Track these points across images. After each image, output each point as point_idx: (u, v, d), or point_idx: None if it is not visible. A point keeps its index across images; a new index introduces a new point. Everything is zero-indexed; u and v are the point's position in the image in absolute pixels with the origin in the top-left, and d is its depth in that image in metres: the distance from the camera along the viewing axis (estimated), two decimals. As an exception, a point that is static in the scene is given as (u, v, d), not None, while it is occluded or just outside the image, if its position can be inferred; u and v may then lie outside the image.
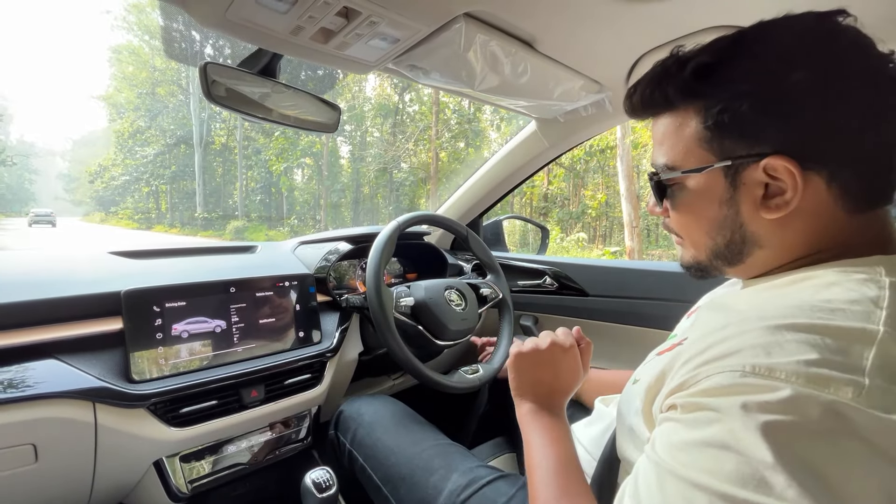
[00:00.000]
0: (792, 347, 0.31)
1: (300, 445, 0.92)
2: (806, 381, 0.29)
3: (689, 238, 0.49)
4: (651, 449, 0.35)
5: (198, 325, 0.76)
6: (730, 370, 0.32)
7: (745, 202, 0.42)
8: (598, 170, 13.09)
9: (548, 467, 0.51)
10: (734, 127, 0.41)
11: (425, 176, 15.37)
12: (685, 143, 0.44)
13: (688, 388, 0.35)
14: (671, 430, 0.34)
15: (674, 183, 0.46)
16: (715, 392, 0.32)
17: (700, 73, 0.42)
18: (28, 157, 48.83)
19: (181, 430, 0.72)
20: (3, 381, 0.59)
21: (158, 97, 23.80)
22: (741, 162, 0.41)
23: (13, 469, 0.60)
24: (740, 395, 0.30)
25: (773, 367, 0.30)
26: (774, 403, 0.29)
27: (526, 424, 0.59)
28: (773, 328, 0.33)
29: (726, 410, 0.30)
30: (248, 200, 21.64)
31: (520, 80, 0.82)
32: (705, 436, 0.31)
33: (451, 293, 1.00)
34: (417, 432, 0.81)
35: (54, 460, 0.63)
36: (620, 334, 1.20)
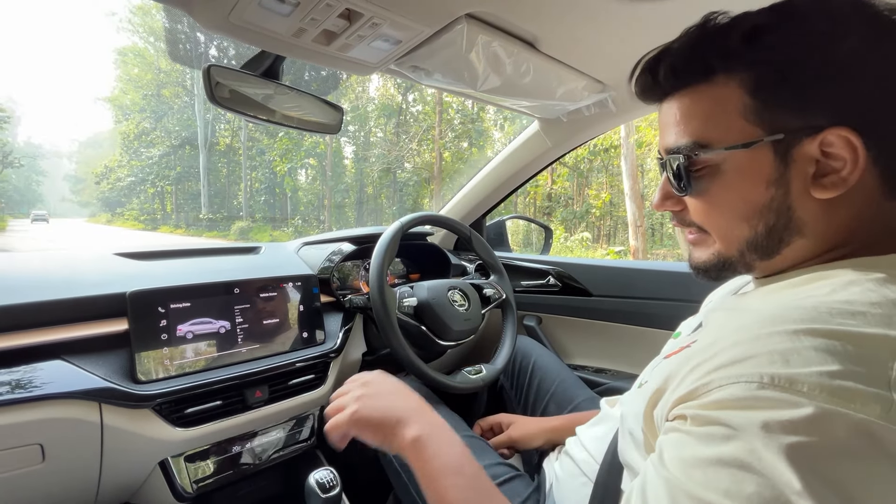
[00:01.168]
0: (812, 356, 0.29)
1: (305, 446, 0.93)
2: (830, 396, 0.27)
3: (717, 229, 0.44)
4: (659, 463, 0.33)
5: (202, 326, 0.76)
6: (746, 380, 0.30)
7: (795, 181, 0.38)
8: (601, 169, 13.06)
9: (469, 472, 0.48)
10: (787, 96, 0.37)
11: (429, 176, 15.39)
12: (726, 116, 0.40)
13: (698, 396, 0.32)
14: (682, 444, 0.32)
15: (706, 164, 0.41)
16: (731, 405, 0.30)
17: (749, 37, 0.38)
18: (35, 158, 49.25)
19: (186, 430, 0.72)
20: (10, 382, 0.59)
21: (163, 99, 23.96)
22: (795, 135, 0.37)
23: (20, 469, 0.61)
24: (760, 411, 0.28)
25: (794, 378, 0.28)
26: (798, 423, 0.27)
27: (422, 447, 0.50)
28: (791, 333, 0.31)
29: (745, 428, 0.28)
30: (253, 201, 21.74)
31: (522, 81, 0.81)
32: (723, 453, 0.29)
33: (454, 293, 1.00)
34: None
35: (61, 460, 0.64)
36: (624, 334, 1.19)
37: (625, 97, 0.94)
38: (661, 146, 0.46)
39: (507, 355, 1.01)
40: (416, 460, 0.49)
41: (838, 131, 0.36)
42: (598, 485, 0.54)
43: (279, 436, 0.88)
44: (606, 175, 13.17)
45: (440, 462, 0.48)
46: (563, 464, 0.67)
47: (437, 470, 0.48)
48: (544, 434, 0.82)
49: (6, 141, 26.34)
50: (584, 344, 1.29)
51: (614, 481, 0.50)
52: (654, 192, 0.50)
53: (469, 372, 0.95)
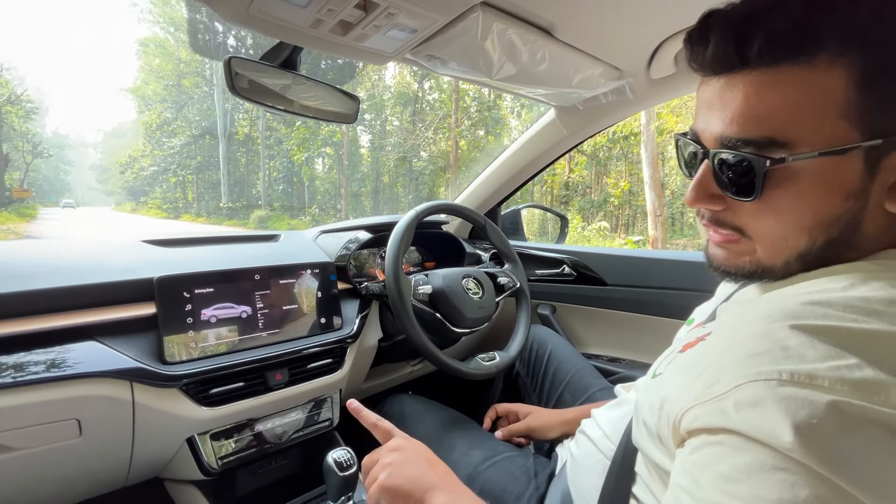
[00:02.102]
0: (828, 350, 0.28)
1: (324, 427, 0.96)
2: (853, 390, 0.26)
3: (767, 238, 0.38)
4: (695, 487, 0.31)
5: (225, 311, 0.79)
6: (765, 378, 0.28)
7: (875, 193, 0.34)
8: (621, 157, 12.80)
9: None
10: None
11: (445, 164, 15.33)
12: (821, 112, 0.33)
13: (717, 398, 0.31)
14: (714, 459, 0.30)
15: (778, 167, 0.34)
16: (754, 406, 0.28)
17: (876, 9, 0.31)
18: (63, 148, 50.76)
19: (211, 409, 0.76)
20: (48, 361, 0.63)
21: (184, 89, 24.33)
22: (892, 142, 0.33)
23: (61, 442, 0.65)
24: (786, 413, 0.27)
25: (814, 373, 0.27)
26: (826, 420, 0.26)
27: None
28: (805, 328, 0.30)
29: (777, 432, 0.27)
30: (271, 190, 22.04)
31: (538, 68, 0.81)
32: (764, 461, 0.27)
33: (468, 282, 1.01)
34: (447, 421, 0.87)
35: (97, 435, 0.68)
36: (639, 324, 1.19)
37: (643, 84, 0.92)
38: (709, 131, 0.38)
39: (521, 343, 1.02)
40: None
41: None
42: (614, 463, 0.54)
43: (299, 417, 0.91)
44: (626, 163, 12.91)
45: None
46: (579, 443, 0.68)
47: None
48: (561, 426, 0.83)
49: (35, 132, 27.21)
50: (599, 333, 1.30)
51: (629, 462, 0.51)
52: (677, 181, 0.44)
53: (483, 359, 0.96)
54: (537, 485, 0.71)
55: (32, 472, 0.66)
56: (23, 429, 0.61)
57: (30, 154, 23.99)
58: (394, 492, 0.53)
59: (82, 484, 0.75)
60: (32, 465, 0.65)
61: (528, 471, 0.74)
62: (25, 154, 23.68)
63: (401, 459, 0.56)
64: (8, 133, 21.16)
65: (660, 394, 0.42)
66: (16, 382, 0.59)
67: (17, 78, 25.08)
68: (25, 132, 23.26)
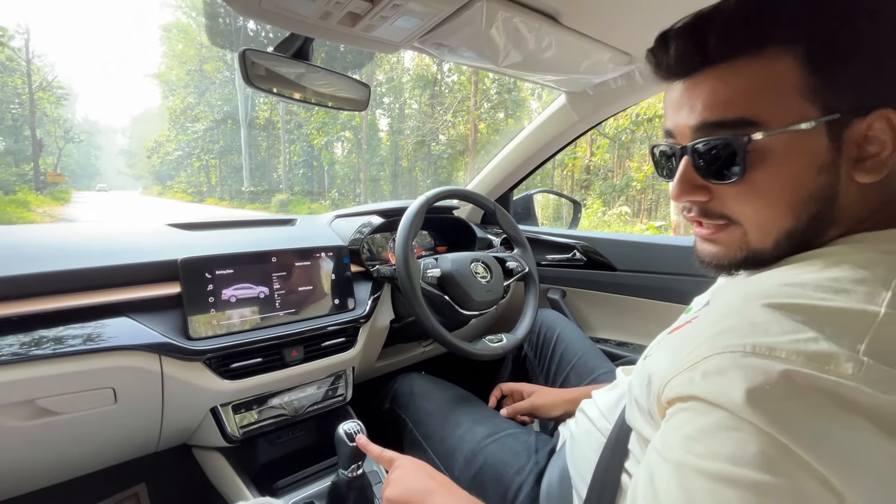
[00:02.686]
0: (791, 325, 0.31)
1: (337, 401, 1.01)
2: (806, 360, 0.29)
3: (754, 220, 0.40)
4: (664, 447, 0.34)
5: (244, 291, 0.84)
6: (731, 350, 0.31)
7: (844, 166, 0.37)
8: (644, 140, 12.46)
9: None
10: (843, 72, 0.35)
11: (463, 148, 15.21)
12: (782, 92, 0.36)
13: (688, 369, 0.34)
14: (681, 423, 0.33)
15: (753, 147, 0.37)
16: (717, 375, 0.31)
17: (810, 3, 0.36)
18: (92, 134, 52.18)
19: (232, 382, 0.81)
20: (85, 335, 0.69)
21: (206, 74, 24.65)
22: (848, 115, 0.36)
23: (98, 408, 0.71)
24: (743, 379, 0.29)
25: (774, 346, 0.30)
26: (777, 386, 0.28)
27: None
28: (774, 306, 0.32)
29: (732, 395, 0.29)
30: (292, 174, 22.30)
31: (545, 55, 0.82)
32: (720, 421, 0.30)
33: (477, 266, 1.04)
34: (454, 398, 0.91)
35: (130, 403, 0.74)
36: (648, 309, 1.20)
37: (653, 69, 0.92)
38: (683, 126, 0.41)
39: (528, 326, 1.05)
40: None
41: (886, 112, 0.35)
42: (609, 440, 0.57)
43: (314, 392, 0.97)
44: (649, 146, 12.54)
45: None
46: (578, 421, 0.71)
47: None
48: (565, 404, 0.85)
49: (66, 117, 28.12)
50: (608, 318, 1.31)
51: (623, 440, 0.53)
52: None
53: (490, 340, 0.99)
54: (537, 460, 0.74)
55: (74, 434, 0.73)
56: (64, 395, 0.68)
57: (62, 139, 24.83)
58: (397, 501, 0.58)
59: (119, 447, 0.83)
60: (74, 428, 0.72)
61: (530, 447, 0.77)
62: (58, 139, 24.52)
63: (402, 474, 0.60)
64: (41, 119, 21.90)
65: (648, 371, 0.45)
66: (56, 353, 0.65)
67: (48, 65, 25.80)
68: (57, 118, 24.05)
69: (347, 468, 0.74)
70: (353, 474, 0.74)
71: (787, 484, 0.27)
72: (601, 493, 0.53)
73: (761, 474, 0.27)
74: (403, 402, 0.95)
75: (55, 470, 0.79)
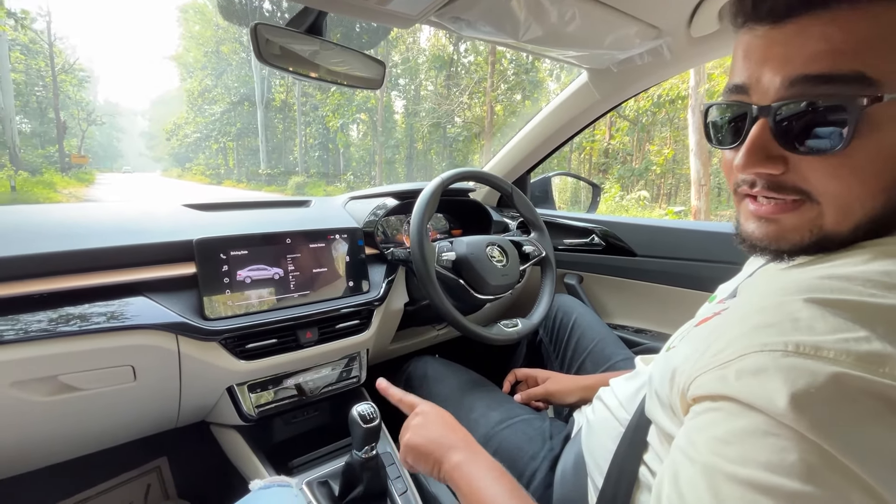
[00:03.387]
0: (839, 323, 0.28)
1: (352, 383, 1.02)
2: (857, 362, 0.26)
3: (839, 199, 0.34)
4: (691, 447, 0.31)
5: (258, 272, 0.84)
6: (770, 349, 0.28)
7: None
8: (666, 122, 12.10)
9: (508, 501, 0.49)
10: None
11: (479, 130, 15.01)
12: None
13: (721, 366, 0.31)
14: (711, 423, 0.31)
15: (862, 110, 0.31)
16: (754, 375, 0.28)
17: None
18: (114, 116, 53.09)
19: (247, 362, 0.82)
20: (109, 313, 0.70)
21: (222, 55, 24.68)
22: None
23: (119, 385, 0.73)
24: (786, 382, 0.27)
25: (820, 345, 0.27)
26: (825, 390, 0.26)
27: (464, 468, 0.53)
28: (818, 301, 0.29)
29: (774, 399, 0.27)
30: (308, 157, 22.37)
31: (567, 29, 0.78)
32: (757, 424, 0.28)
33: (492, 249, 1.02)
34: (468, 383, 0.90)
35: (149, 380, 0.75)
36: (668, 296, 1.17)
37: (682, 44, 0.87)
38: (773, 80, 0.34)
39: (544, 312, 1.03)
40: (460, 483, 0.52)
41: None
42: (628, 430, 0.55)
43: (328, 373, 0.97)
44: (671, 129, 12.20)
45: (480, 483, 0.51)
46: (595, 409, 0.69)
47: (478, 491, 0.50)
48: (580, 391, 0.84)
49: (88, 100, 28.56)
50: (626, 304, 1.28)
51: (642, 432, 0.52)
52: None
53: (505, 325, 0.98)
54: (552, 446, 0.74)
55: (95, 409, 0.75)
56: (86, 372, 0.69)
57: (85, 121, 25.29)
58: (416, 449, 0.58)
59: (139, 422, 0.84)
60: (95, 403, 0.73)
61: (544, 433, 0.77)
62: (81, 121, 24.98)
63: (423, 422, 0.60)
64: (64, 101, 22.30)
65: (671, 365, 0.42)
66: (82, 330, 0.67)
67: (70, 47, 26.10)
68: (80, 100, 24.46)
69: (361, 449, 0.74)
70: (366, 455, 0.74)
71: (831, 496, 0.25)
72: (618, 484, 0.52)
73: (802, 484, 0.25)
74: (417, 385, 0.95)
75: (79, 443, 0.81)
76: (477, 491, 0.50)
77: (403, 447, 0.60)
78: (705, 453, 0.30)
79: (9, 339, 0.62)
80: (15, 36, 17.57)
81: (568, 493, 0.65)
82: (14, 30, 16.47)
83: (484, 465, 0.54)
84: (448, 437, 0.58)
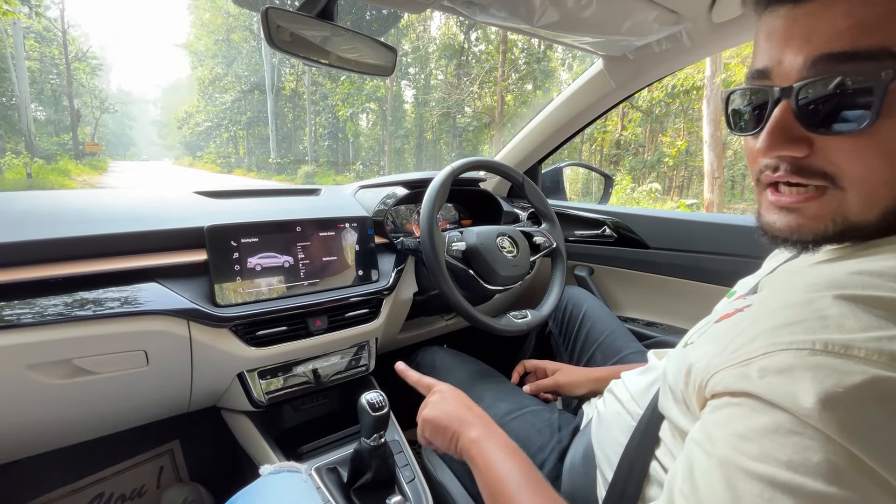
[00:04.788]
0: (870, 321, 0.26)
1: (360, 371, 1.02)
2: (891, 361, 0.25)
3: (866, 183, 0.33)
4: (708, 441, 0.31)
5: (269, 260, 0.84)
6: (797, 347, 0.27)
7: None
8: (679, 113, 11.88)
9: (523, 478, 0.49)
10: None
11: (489, 120, 14.88)
12: None
13: (744, 364, 0.30)
14: (731, 419, 0.30)
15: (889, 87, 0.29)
16: (780, 374, 0.27)
17: None
18: (126, 104, 53.54)
19: (258, 349, 0.82)
20: (120, 299, 0.71)
21: (233, 43, 24.67)
22: None
23: (132, 369, 0.74)
24: (813, 382, 0.26)
25: (850, 343, 0.26)
26: (856, 391, 0.25)
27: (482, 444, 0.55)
28: (847, 297, 0.28)
29: (799, 400, 0.26)
30: (317, 146, 22.40)
31: (583, 14, 0.75)
32: (780, 422, 0.27)
33: (503, 240, 1.01)
34: (476, 373, 0.91)
35: (161, 365, 0.76)
36: (681, 289, 1.15)
37: (702, 29, 0.84)
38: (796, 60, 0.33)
39: (554, 303, 1.02)
40: (476, 458, 0.54)
41: None
42: (640, 424, 0.55)
43: (337, 361, 0.98)
44: (684, 120, 11.98)
45: (496, 459, 0.52)
46: (606, 402, 0.69)
47: (493, 466, 0.52)
48: (589, 383, 0.84)
49: (101, 88, 28.78)
50: (637, 297, 1.27)
51: (654, 427, 0.51)
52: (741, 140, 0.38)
53: (515, 316, 0.98)
54: (560, 438, 0.73)
55: (109, 393, 0.76)
56: (100, 356, 0.70)
57: (98, 109, 25.56)
58: (433, 423, 0.60)
59: (152, 406, 0.86)
60: (108, 387, 0.74)
61: (553, 425, 0.76)
62: (94, 109, 25.25)
63: (441, 398, 0.62)
64: (78, 89, 22.49)
65: (688, 361, 0.41)
66: (96, 315, 0.67)
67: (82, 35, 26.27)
68: (93, 88, 24.66)
69: (370, 437, 0.74)
70: (375, 443, 0.75)
71: (856, 498, 0.24)
72: (628, 478, 0.51)
73: (826, 485, 0.24)
74: (425, 374, 0.95)
75: (93, 426, 0.82)
76: (493, 465, 0.52)
77: (422, 422, 0.62)
78: (723, 448, 0.29)
79: (26, 323, 0.63)
80: (29, 24, 17.72)
81: (576, 485, 0.65)
82: (28, 17, 16.59)
83: (500, 442, 0.55)
84: (465, 413, 0.59)
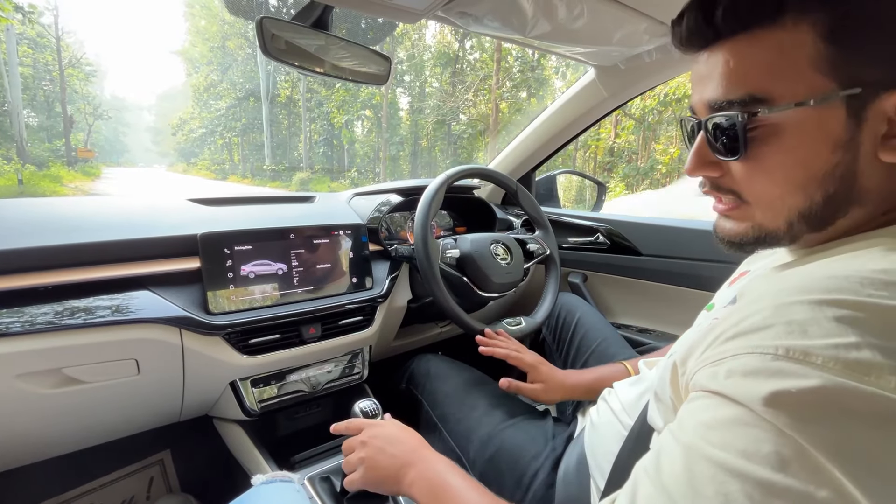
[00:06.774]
0: (832, 327, 0.28)
1: (354, 379, 1.02)
2: (844, 369, 0.26)
3: (764, 199, 0.39)
4: (678, 428, 0.33)
5: (262, 267, 0.84)
6: (761, 351, 0.29)
7: (865, 143, 0.34)
8: (672, 121, 12.01)
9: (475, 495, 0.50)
10: (867, 43, 0.33)
11: (484, 128, 14.97)
12: (793, 66, 0.34)
13: (715, 364, 0.32)
14: (700, 409, 0.32)
15: (762, 123, 0.36)
16: (742, 375, 0.30)
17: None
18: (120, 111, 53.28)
19: (251, 357, 0.82)
20: (111, 307, 0.70)
21: (228, 51, 24.72)
22: (873, 89, 0.33)
23: (122, 378, 0.73)
24: (768, 382, 0.28)
25: (809, 350, 0.27)
26: (805, 395, 0.26)
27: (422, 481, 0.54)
28: (814, 303, 0.29)
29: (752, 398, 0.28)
30: (312, 153, 22.39)
31: (575, 25, 0.77)
32: (740, 416, 0.29)
33: (496, 247, 1.01)
34: (470, 381, 0.90)
35: (153, 374, 0.75)
36: (673, 295, 1.16)
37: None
38: (700, 102, 0.40)
39: (547, 310, 1.03)
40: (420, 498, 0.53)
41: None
42: (631, 433, 0.55)
43: (331, 369, 0.97)
44: (677, 128, 12.11)
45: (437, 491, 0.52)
46: (599, 410, 0.69)
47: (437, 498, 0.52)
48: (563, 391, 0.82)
49: (95, 94, 28.68)
50: (630, 303, 1.28)
51: (645, 438, 0.51)
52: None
53: (509, 323, 0.98)
54: (554, 446, 0.73)
55: (99, 402, 0.75)
56: (91, 364, 0.69)
57: (91, 116, 25.40)
58: (372, 483, 0.59)
59: (143, 416, 0.85)
60: (100, 396, 0.73)
61: (547, 433, 0.76)
62: (87, 116, 25.09)
63: (372, 452, 0.60)
64: (71, 95, 22.40)
65: (670, 369, 0.43)
66: (86, 324, 0.67)
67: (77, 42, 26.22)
68: (86, 94, 24.57)
69: (363, 446, 0.74)
70: (368, 452, 0.74)
71: (799, 487, 0.25)
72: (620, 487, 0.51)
73: (772, 473, 0.26)
74: (420, 382, 0.94)
75: (82, 435, 0.81)
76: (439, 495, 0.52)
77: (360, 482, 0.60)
78: (691, 434, 0.31)
79: (14, 332, 0.62)
80: (23, 30, 17.67)
81: (571, 493, 0.65)
82: (22, 24, 16.54)
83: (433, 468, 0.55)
84: (398, 457, 0.58)
